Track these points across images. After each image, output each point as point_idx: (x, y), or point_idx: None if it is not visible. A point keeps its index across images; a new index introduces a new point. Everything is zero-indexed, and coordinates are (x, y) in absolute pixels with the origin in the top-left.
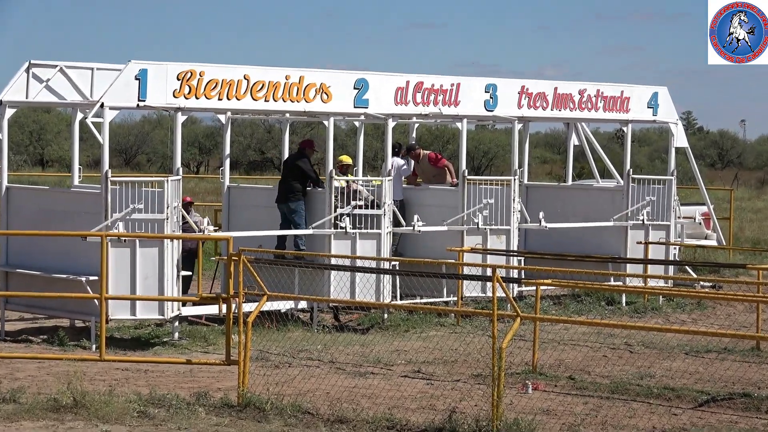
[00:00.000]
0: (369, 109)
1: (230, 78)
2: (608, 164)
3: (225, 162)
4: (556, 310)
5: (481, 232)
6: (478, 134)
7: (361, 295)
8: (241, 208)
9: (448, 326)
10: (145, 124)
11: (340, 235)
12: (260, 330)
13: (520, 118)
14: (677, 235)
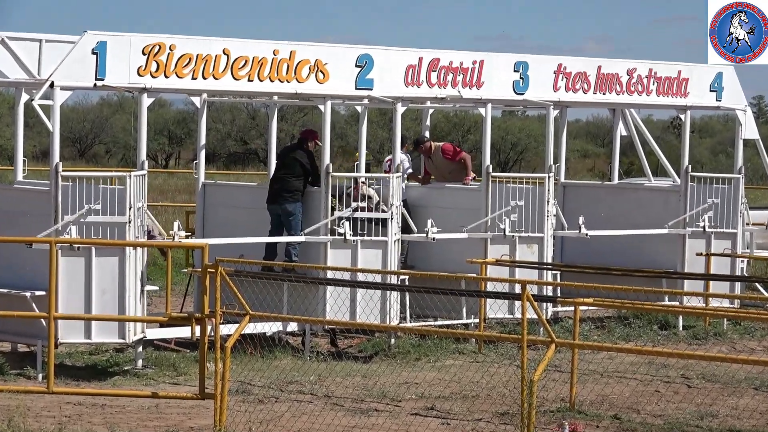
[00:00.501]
0: (374, 91)
1: (206, 53)
2: (662, 159)
3: (200, 154)
4: (599, 334)
5: (509, 241)
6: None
7: (363, 316)
8: (219, 210)
9: (468, 354)
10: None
11: (339, 242)
12: (241, 357)
13: (556, 103)
14: (745, 246)
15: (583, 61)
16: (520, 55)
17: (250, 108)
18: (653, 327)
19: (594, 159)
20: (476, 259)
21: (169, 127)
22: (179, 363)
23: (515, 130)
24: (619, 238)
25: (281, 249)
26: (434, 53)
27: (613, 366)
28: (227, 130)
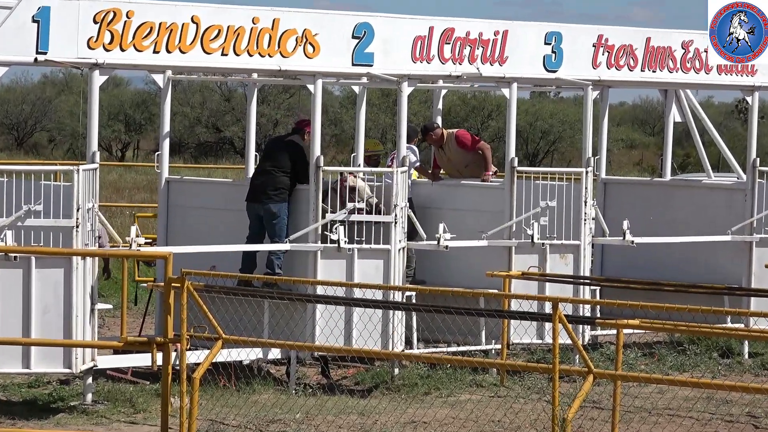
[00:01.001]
0: (374, 67)
1: (171, 21)
2: (725, 151)
3: (163, 144)
4: (647, 364)
5: (538, 250)
6: (534, 105)
7: (360, 341)
8: (187, 212)
9: (487, 387)
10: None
11: (331, 251)
12: (212, 390)
13: (596, 83)
14: None
15: (628, 32)
16: (552, 24)
17: (225, 88)
18: (713, 354)
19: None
20: (498, 272)
21: (126, 110)
22: (137, 397)
23: (546, 115)
24: (671, 247)
25: (261, 259)
26: (448, 22)
27: (663, 402)
28: (197, 114)
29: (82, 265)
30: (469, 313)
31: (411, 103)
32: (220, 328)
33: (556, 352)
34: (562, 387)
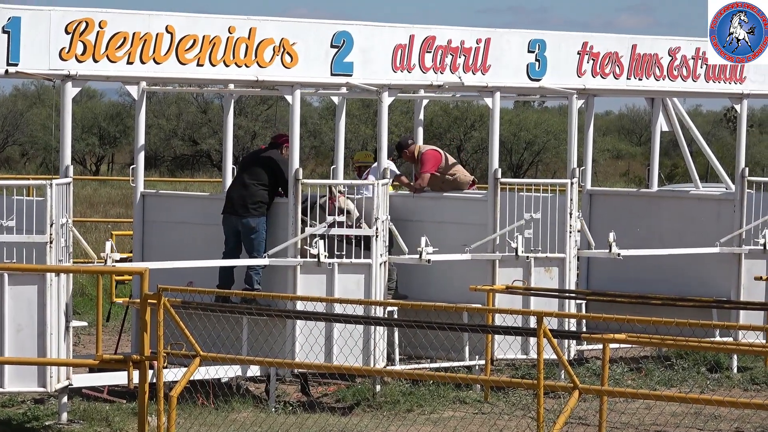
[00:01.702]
0: (354, 77)
1: (145, 31)
2: (713, 160)
3: (138, 157)
4: (634, 379)
5: (522, 263)
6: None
7: (341, 357)
8: (163, 226)
9: (471, 403)
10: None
11: (311, 266)
12: (190, 409)
13: (581, 91)
14: None
15: (614, 39)
16: (535, 31)
17: (201, 99)
18: (701, 369)
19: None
20: (482, 286)
21: (101, 123)
22: (113, 416)
23: (530, 125)
24: (658, 259)
25: (240, 274)
26: (429, 30)
27: (651, 418)
28: (172, 126)
29: (56, 282)
30: (452, 328)
31: (392, 113)
32: (197, 345)
33: (541, 368)
34: (547, 403)
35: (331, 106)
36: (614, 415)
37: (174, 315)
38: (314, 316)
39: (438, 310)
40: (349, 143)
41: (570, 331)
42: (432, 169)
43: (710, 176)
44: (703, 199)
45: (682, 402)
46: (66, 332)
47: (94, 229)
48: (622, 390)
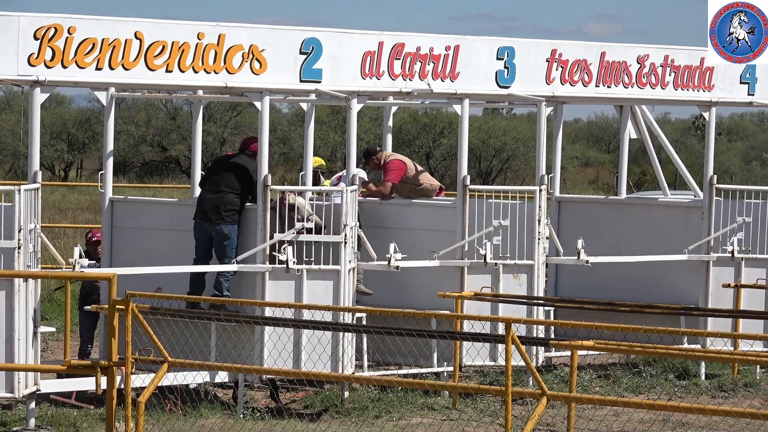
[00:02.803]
0: (323, 84)
1: (114, 37)
2: (681, 168)
3: (107, 163)
4: (602, 386)
5: (490, 270)
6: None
7: (309, 363)
8: (131, 232)
9: (439, 410)
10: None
11: (280, 272)
12: (158, 415)
13: (550, 99)
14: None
15: (583, 47)
16: (504, 39)
17: (170, 106)
18: (669, 376)
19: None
20: (450, 293)
21: (69, 129)
22: (81, 422)
23: (499, 132)
24: (627, 267)
25: (209, 281)
26: (398, 37)
27: (618, 425)
28: (141, 133)
29: (24, 288)
30: (420, 335)
31: (361, 120)
32: (165, 350)
33: (509, 374)
34: (516, 410)
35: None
36: (582, 421)
37: (142, 321)
38: (283, 322)
39: (406, 316)
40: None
41: (538, 338)
42: (395, 180)
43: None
44: (671, 206)
45: (650, 409)
46: (34, 338)
47: (63, 235)
48: (590, 397)
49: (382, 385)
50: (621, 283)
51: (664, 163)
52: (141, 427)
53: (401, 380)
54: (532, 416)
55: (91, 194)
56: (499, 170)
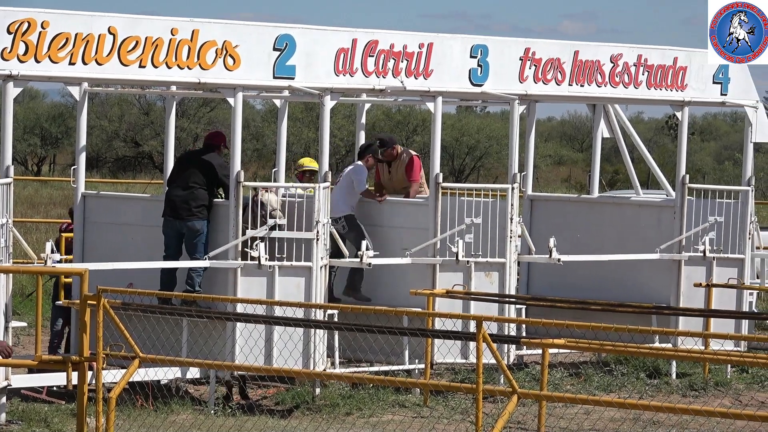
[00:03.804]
0: (296, 80)
1: (87, 32)
2: (654, 167)
3: (79, 158)
4: (573, 384)
5: (462, 268)
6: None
7: (280, 360)
8: (104, 227)
9: (410, 407)
10: None
11: (251, 268)
12: (129, 410)
13: (523, 97)
14: (755, 275)
15: (556, 45)
16: (478, 37)
17: (143, 101)
18: (640, 375)
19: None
20: (422, 290)
21: (42, 124)
22: (52, 417)
23: (472, 130)
24: (598, 265)
25: (181, 277)
26: (372, 34)
27: (589, 423)
28: (114, 128)
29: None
30: (391, 332)
31: (334, 117)
32: (137, 346)
33: (480, 372)
34: (487, 407)
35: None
36: (553, 419)
37: (113, 316)
38: (254, 319)
39: (378, 313)
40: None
41: (509, 336)
42: (419, 179)
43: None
44: (643, 205)
45: (621, 407)
46: (5, 332)
47: (35, 230)
48: (561, 395)
49: (354, 382)
50: (593, 281)
51: (636, 162)
52: (112, 423)
53: (372, 377)
54: (502, 414)
55: (63, 189)
56: (472, 168)
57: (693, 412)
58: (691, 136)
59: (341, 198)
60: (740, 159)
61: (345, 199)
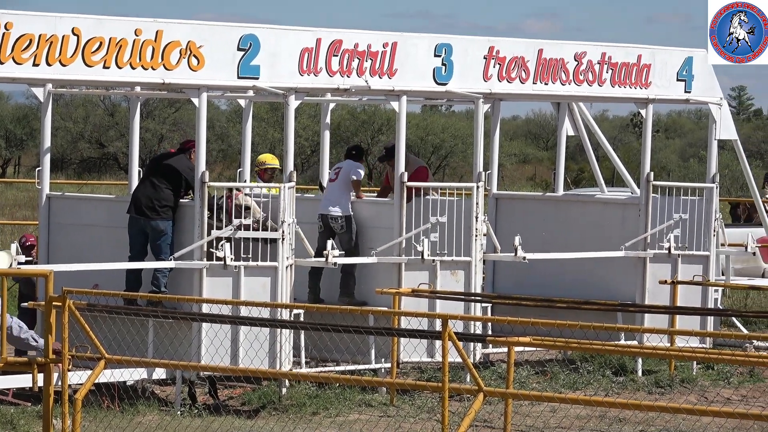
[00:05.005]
0: (260, 80)
1: (51, 33)
2: (619, 165)
3: (44, 159)
4: (539, 382)
5: (428, 266)
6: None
7: (246, 360)
8: (69, 229)
9: (377, 406)
10: None
11: (217, 269)
12: (95, 412)
13: (487, 96)
14: (720, 272)
15: (520, 44)
16: (442, 36)
17: (108, 102)
18: (606, 372)
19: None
20: (388, 289)
21: (7, 125)
22: (18, 419)
23: (437, 129)
24: (564, 263)
25: (146, 277)
26: (336, 33)
27: (555, 420)
28: (79, 129)
29: None
30: (357, 331)
31: (299, 117)
32: (102, 347)
33: (446, 370)
34: (453, 406)
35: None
36: (519, 417)
37: (79, 317)
38: (220, 319)
39: (344, 312)
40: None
41: (475, 334)
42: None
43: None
44: (608, 203)
45: (587, 405)
46: None
47: (0, 232)
48: (527, 393)
49: (320, 382)
50: (558, 279)
51: (601, 160)
52: (78, 425)
53: (339, 377)
54: (468, 412)
55: (28, 191)
56: (437, 167)
57: (659, 409)
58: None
59: (342, 195)
60: (705, 156)
61: (346, 197)
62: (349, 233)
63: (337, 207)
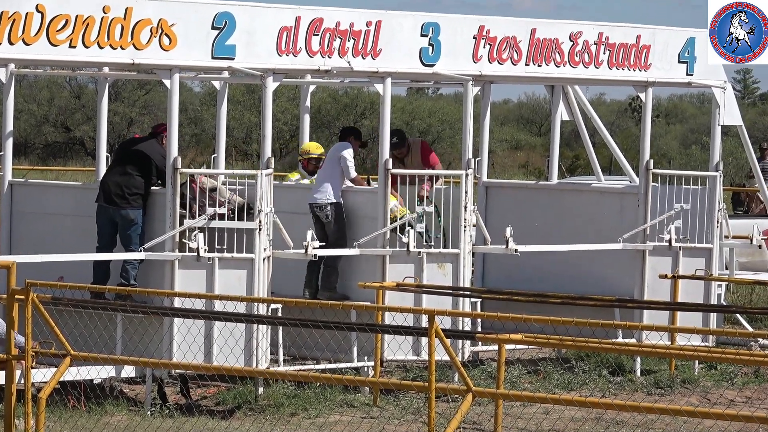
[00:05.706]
0: (236, 61)
1: (14, 10)
2: (616, 152)
3: (6, 144)
4: (532, 382)
5: (414, 259)
6: (410, 103)
7: (221, 357)
8: (32, 218)
9: (359, 407)
10: None
11: (190, 261)
12: (60, 411)
13: (477, 78)
14: (723, 266)
15: (512, 23)
16: (429, 14)
17: (74, 84)
18: (603, 372)
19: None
20: (371, 283)
21: None
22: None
23: (424, 113)
24: (558, 256)
25: (115, 269)
26: (316, 11)
27: (549, 423)
28: (44, 112)
29: None
30: (339, 328)
31: (277, 100)
32: (68, 343)
33: (433, 369)
34: (440, 407)
35: (212, 92)
36: (510, 419)
37: (43, 312)
38: (193, 314)
39: (324, 307)
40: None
41: (464, 331)
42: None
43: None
44: (605, 192)
45: (582, 406)
46: None
47: None
48: (519, 393)
49: (299, 381)
50: (552, 273)
51: (598, 147)
52: (42, 425)
53: (319, 375)
54: (456, 414)
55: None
56: None
57: (659, 411)
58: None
59: (328, 181)
60: (707, 143)
61: (335, 183)
62: (336, 223)
63: (322, 194)
